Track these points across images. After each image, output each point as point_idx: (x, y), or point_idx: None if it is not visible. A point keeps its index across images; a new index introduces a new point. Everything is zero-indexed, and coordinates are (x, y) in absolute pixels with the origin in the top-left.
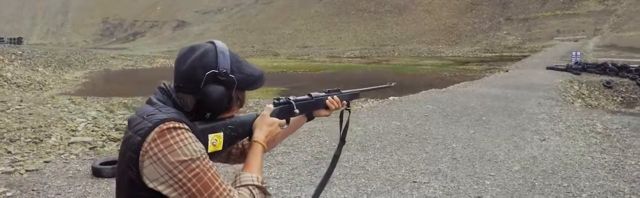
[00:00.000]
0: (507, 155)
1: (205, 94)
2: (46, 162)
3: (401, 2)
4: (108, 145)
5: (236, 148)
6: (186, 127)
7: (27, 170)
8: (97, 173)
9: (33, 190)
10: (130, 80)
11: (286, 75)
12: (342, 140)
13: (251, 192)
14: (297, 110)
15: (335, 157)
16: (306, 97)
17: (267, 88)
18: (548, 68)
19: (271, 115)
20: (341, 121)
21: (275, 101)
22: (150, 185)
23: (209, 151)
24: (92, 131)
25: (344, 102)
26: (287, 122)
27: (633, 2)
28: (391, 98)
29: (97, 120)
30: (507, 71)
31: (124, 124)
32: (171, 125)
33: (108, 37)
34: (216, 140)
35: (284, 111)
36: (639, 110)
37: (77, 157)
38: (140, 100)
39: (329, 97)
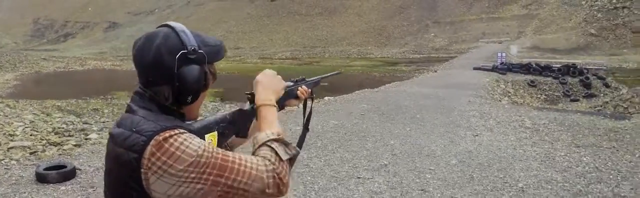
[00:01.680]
0: (443, 150)
1: (182, 77)
2: None
3: (332, 5)
4: (48, 150)
5: None
6: (182, 130)
7: None
8: (41, 178)
9: None
10: (62, 82)
11: (220, 77)
12: (306, 128)
13: (270, 147)
14: None
15: (299, 144)
16: None
17: None
18: (475, 68)
19: (247, 109)
20: (304, 109)
21: (249, 96)
22: None
23: None
24: (31, 135)
25: (310, 90)
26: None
27: (555, 7)
28: (326, 98)
29: (35, 123)
30: (435, 71)
31: (63, 128)
32: (167, 135)
33: (39, 38)
34: (211, 140)
35: None
36: (562, 107)
37: (18, 162)
38: (74, 102)
39: (299, 87)
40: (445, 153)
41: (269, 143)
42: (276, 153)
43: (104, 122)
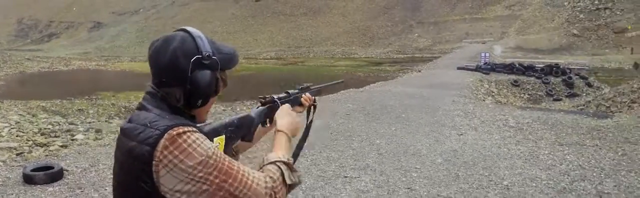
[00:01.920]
0: (429, 149)
1: (194, 81)
2: None
3: (316, 5)
4: (35, 151)
5: None
6: (194, 129)
7: None
8: (28, 180)
9: None
10: (47, 82)
11: None
12: (306, 134)
13: (279, 167)
14: None
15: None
16: (285, 95)
17: None
18: (458, 68)
19: (258, 114)
20: (307, 116)
21: (262, 100)
22: (168, 195)
23: None
24: (17, 136)
25: (313, 97)
26: (271, 120)
27: (537, 7)
28: None
29: (21, 124)
30: (419, 71)
31: (49, 128)
32: (181, 130)
33: (23, 38)
34: (219, 144)
35: (271, 109)
36: (546, 106)
37: (5, 163)
38: (59, 103)
39: (304, 95)
40: (430, 152)
41: (278, 164)
42: (282, 174)
43: (90, 123)
